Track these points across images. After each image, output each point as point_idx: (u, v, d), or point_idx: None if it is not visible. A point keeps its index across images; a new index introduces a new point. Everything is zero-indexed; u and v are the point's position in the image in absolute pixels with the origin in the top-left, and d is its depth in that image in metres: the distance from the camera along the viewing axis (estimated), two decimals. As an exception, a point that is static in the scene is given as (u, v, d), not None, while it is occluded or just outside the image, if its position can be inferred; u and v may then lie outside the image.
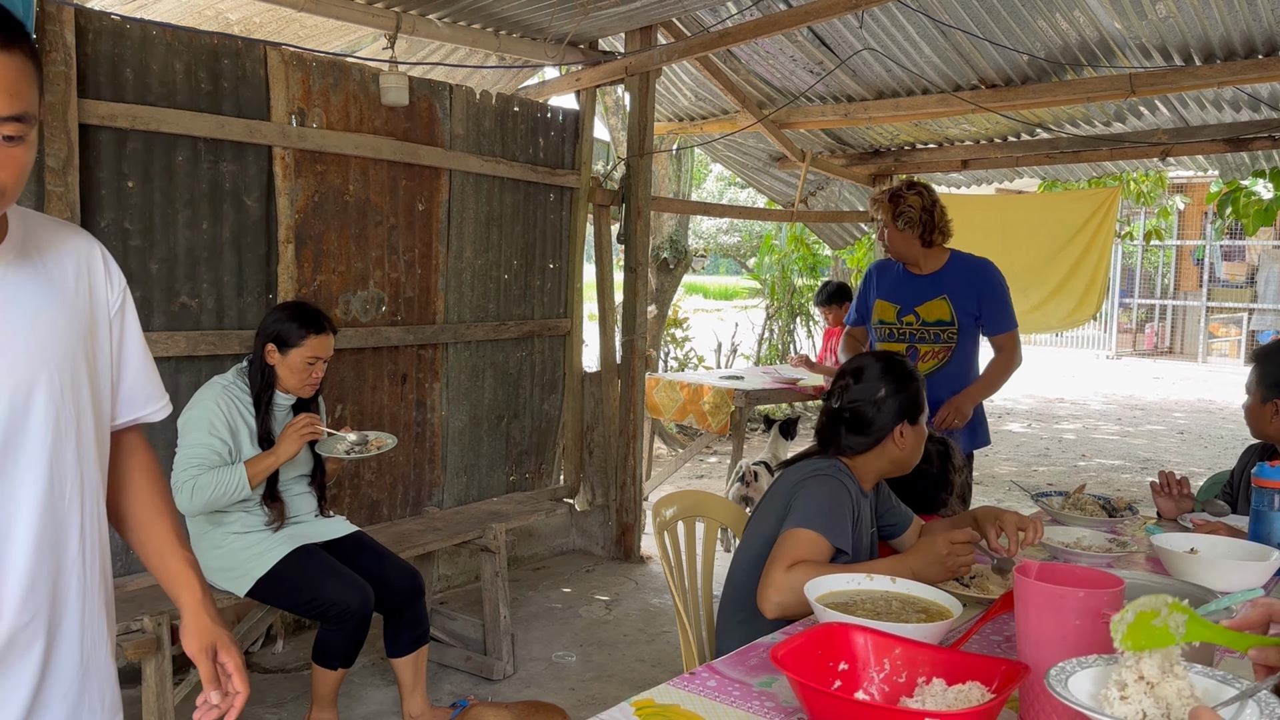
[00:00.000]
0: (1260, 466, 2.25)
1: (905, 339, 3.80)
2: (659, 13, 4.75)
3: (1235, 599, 1.57)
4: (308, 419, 2.90)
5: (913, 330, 3.79)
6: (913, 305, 3.78)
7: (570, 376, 5.16)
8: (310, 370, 2.97)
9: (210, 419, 2.88)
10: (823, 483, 2.09)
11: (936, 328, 3.75)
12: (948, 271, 3.77)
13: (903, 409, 2.18)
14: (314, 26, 4.53)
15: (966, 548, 1.89)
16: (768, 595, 1.90)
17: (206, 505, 2.85)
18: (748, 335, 11.83)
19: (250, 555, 2.93)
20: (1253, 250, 18.04)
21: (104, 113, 3.19)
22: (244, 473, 2.83)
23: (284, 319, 2.97)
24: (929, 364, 3.78)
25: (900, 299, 3.82)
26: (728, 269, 28.62)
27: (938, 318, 3.75)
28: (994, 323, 3.76)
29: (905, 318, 3.81)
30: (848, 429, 2.20)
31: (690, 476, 7.48)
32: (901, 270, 3.86)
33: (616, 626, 4.31)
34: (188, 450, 2.87)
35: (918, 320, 3.78)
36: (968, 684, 1.34)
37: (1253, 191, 6.64)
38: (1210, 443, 9.81)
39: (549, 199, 4.92)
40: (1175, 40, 4.72)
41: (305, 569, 2.92)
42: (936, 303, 3.75)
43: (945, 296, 3.73)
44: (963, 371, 3.77)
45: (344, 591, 2.90)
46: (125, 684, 3.52)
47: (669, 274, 8.95)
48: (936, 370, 3.75)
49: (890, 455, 2.20)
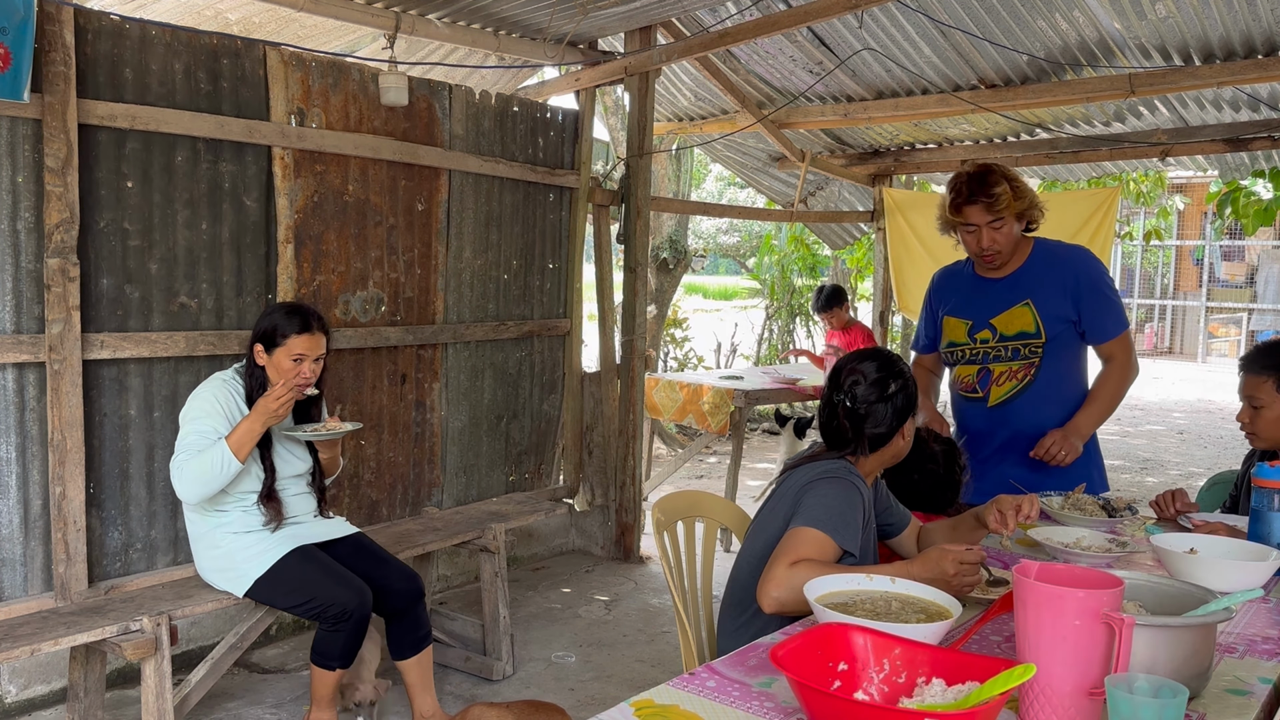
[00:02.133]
0: (1260, 466, 2.25)
1: (976, 359, 3.03)
2: (659, 13, 4.75)
3: (1235, 599, 1.57)
4: (280, 389, 2.82)
5: (986, 349, 3.00)
6: (987, 318, 3.00)
7: (570, 376, 5.16)
8: (297, 369, 2.92)
9: (207, 409, 2.88)
10: (834, 484, 2.08)
11: (1016, 342, 2.96)
12: (1030, 269, 2.98)
13: (908, 405, 2.21)
14: (313, 26, 4.53)
15: (973, 568, 1.86)
16: (767, 590, 1.89)
17: (202, 488, 2.80)
18: (747, 335, 11.84)
19: (248, 556, 2.92)
20: (1252, 250, 18.05)
21: (103, 113, 3.19)
22: (225, 446, 2.78)
23: (269, 318, 2.96)
24: (1005, 388, 2.98)
25: (971, 312, 3.03)
26: (727, 269, 28.63)
27: (1019, 329, 2.95)
28: (1098, 327, 2.94)
29: (979, 334, 3.01)
30: (861, 427, 2.19)
31: (690, 477, 7.48)
32: (970, 274, 3.09)
33: (616, 627, 4.31)
34: (182, 440, 2.87)
35: (994, 335, 2.99)
36: (967, 684, 1.34)
37: (1252, 191, 6.63)
38: (1210, 443, 9.82)
39: (548, 199, 4.92)
40: (1175, 40, 4.72)
41: (303, 570, 2.92)
42: (1017, 311, 2.96)
43: (1028, 302, 2.94)
44: (1057, 394, 2.97)
45: (341, 592, 2.89)
46: (125, 684, 3.53)
47: (668, 274, 8.94)
48: (1016, 395, 2.97)
49: (894, 450, 2.24)
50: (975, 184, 2.85)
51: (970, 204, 2.86)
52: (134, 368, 3.36)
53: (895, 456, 2.26)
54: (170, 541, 3.48)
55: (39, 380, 3.12)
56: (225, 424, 2.88)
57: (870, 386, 2.19)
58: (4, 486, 3.09)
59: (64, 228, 3.08)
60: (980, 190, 2.83)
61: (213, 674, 3.11)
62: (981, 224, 2.86)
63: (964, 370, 3.07)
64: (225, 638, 3.16)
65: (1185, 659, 1.48)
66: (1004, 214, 2.84)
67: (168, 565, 3.47)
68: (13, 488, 3.10)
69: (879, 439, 2.19)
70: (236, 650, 3.15)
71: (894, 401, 2.18)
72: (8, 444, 3.08)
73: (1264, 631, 1.83)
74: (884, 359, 2.24)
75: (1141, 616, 1.47)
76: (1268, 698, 1.55)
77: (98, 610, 2.91)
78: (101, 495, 3.30)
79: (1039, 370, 2.94)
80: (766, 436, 9.29)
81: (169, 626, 2.83)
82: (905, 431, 2.23)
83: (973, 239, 2.91)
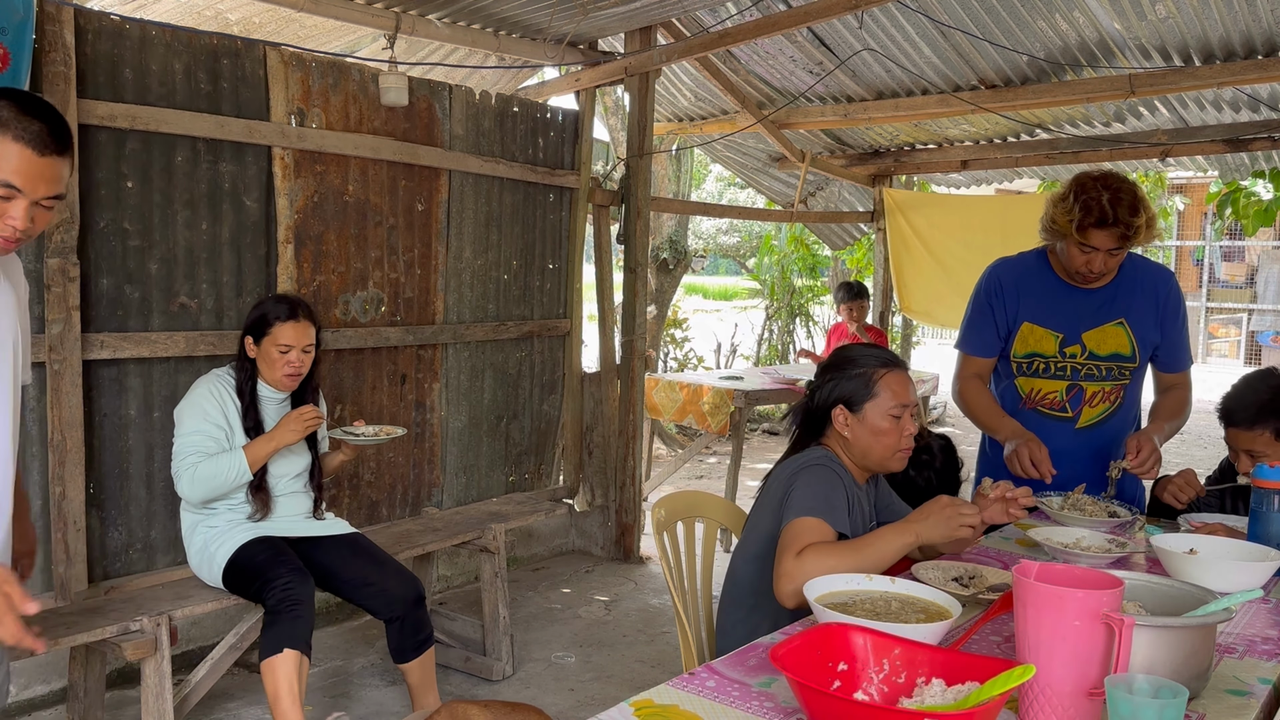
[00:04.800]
0: (1260, 467, 2.25)
1: (1064, 375, 2.78)
2: (659, 13, 4.75)
3: (1235, 599, 1.57)
4: (313, 411, 2.90)
5: (1076, 365, 2.76)
6: (1079, 332, 2.74)
7: (570, 377, 5.16)
8: (284, 359, 2.93)
9: (204, 406, 2.90)
10: (815, 472, 2.11)
11: (1110, 362, 2.74)
12: (1123, 285, 2.72)
13: (840, 393, 2.19)
14: (313, 26, 4.53)
15: (969, 504, 1.96)
16: (782, 585, 1.90)
17: (209, 491, 2.86)
18: (747, 336, 11.83)
19: (216, 546, 2.94)
20: (1252, 251, 18.03)
21: (103, 113, 3.19)
22: (243, 458, 2.85)
23: (257, 309, 2.99)
24: (1098, 409, 2.77)
25: (1061, 323, 2.74)
26: (727, 269, 28.61)
27: (1113, 350, 2.73)
28: (1174, 356, 2.79)
29: (1069, 349, 2.75)
30: (808, 413, 2.27)
31: (690, 477, 7.48)
32: (1053, 278, 2.77)
33: (616, 627, 4.31)
34: (185, 439, 2.89)
35: (1083, 352, 2.75)
36: (967, 684, 1.34)
37: (1252, 192, 6.64)
38: (1210, 443, 9.81)
39: (549, 199, 4.92)
40: (1175, 41, 4.72)
41: (256, 555, 2.89)
42: (1110, 330, 2.73)
43: (1122, 321, 2.72)
44: (1135, 419, 2.85)
45: (289, 574, 2.81)
46: (125, 684, 3.53)
47: (668, 274, 8.94)
48: (1107, 418, 2.78)
49: (850, 441, 2.19)
50: (1118, 209, 2.52)
51: (1102, 228, 2.54)
52: (134, 368, 3.36)
53: (859, 453, 2.18)
54: (170, 541, 3.47)
55: (39, 380, 3.12)
56: (222, 421, 2.91)
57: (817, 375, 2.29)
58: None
59: (64, 228, 3.08)
60: (1119, 217, 2.53)
61: (213, 674, 3.11)
62: (1104, 249, 2.57)
63: (1048, 385, 2.78)
64: (225, 638, 3.16)
65: (1185, 659, 1.47)
66: (1133, 244, 2.58)
67: (168, 565, 3.47)
68: (13, 488, 3.10)
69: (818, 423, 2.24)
70: (236, 650, 3.15)
71: (823, 387, 2.23)
72: (8, 444, 3.08)
73: (1263, 632, 1.83)
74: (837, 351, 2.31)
75: (1141, 617, 1.46)
76: (1267, 698, 1.55)
77: (98, 610, 2.91)
78: (101, 495, 3.30)
79: (1126, 392, 2.78)
80: (767, 437, 9.29)
81: (169, 626, 2.83)
82: (840, 420, 2.18)
83: (1084, 259, 2.60)
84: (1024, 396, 2.82)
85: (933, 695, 1.34)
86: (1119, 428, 2.79)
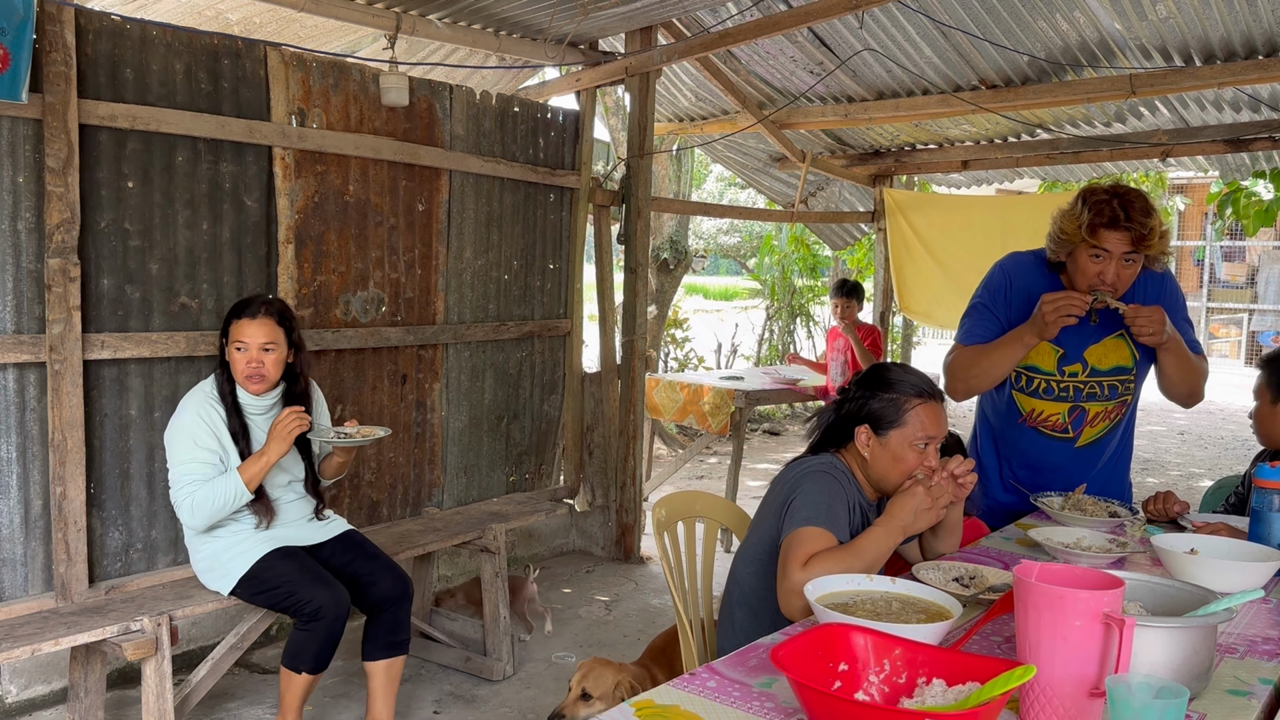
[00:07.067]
0: (1260, 467, 2.25)
1: (1067, 397, 2.69)
2: (659, 13, 4.75)
3: (1235, 599, 1.57)
4: (293, 415, 2.86)
5: (1078, 384, 2.68)
6: (1080, 349, 2.66)
7: (570, 377, 5.16)
8: (243, 358, 2.90)
9: (194, 431, 2.88)
10: (817, 479, 2.11)
11: (1112, 378, 2.67)
12: (1124, 296, 2.59)
13: (869, 414, 2.15)
14: (314, 27, 4.53)
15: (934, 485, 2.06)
16: (789, 600, 1.90)
17: (210, 516, 2.86)
18: (748, 336, 11.83)
19: (232, 555, 2.93)
20: (1253, 251, 18.03)
21: (104, 113, 3.19)
22: (239, 479, 2.84)
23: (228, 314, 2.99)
24: (1098, 428, 2.72)
25: (1063, 338, 2.62)
26: (728, 269, 28.61)
27: (1114, 364, 2.66)
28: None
29: (1069, 367, 2.67)
30: (831, 422, 2.26)
31: (690, 477, 7.48)
32: (1060, 288, 2.62)
33: (616, 627, 4.31)
34: (180, 467, 2.88)
35: (1084, 369, 2.67)
36: (968, 684, 1.34)
37: (1253, 192, 6.63)
38: (1211, 444, 9.81)
39: (549, 199, 4.92)
40: (1175, 41, 4.72)
41: (281, 568, 2.90)
42: (1111, 343, 2.66)
43: (1122, 333, 2.63)
44: (1129, 436, 2.82)
45: (319, 591, 2.86)
46: (125, 684, 3.53)
47: (669, 274, 8.95)
48: (1103, 436, 2.74)
49: (869, 462, 2.16)
50: (1127, 207, 2.46)
51: (1114, 228, 2.46)
52: (134, 368, 3.36)
53: (875, 473, 2.16)
54: (170, 541, 3.47)
55: (39, 380, 3.12)
56: (214, 444, 2.89)
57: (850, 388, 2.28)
58: (5, 486, 3.09)
59: (65, 228, 3.08)
60: (1131, 216, 2.45)
61: (213, 674, 3.11)
62: (1116, 253, 2.48)
63: (1050, 408, 2.70)
64: (225, 638, 3.16)
65: (1186, 660, 1.47)
66: (1145, 249, 2.49)
67: (168, 565, 3.47)
68: (13, 488, 3.10)
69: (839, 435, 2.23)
70: (237, 650, 3.15)
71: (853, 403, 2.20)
72: (9, 444, 3.08)
73: (1264, 632, 1.83)
74: (872, 370, 2.28)
75: (1142, 617, 1.46)
76: (1268, 699, 1.55)
77: (98, 610, 2.91)
78: (102, 495, 3.30)
79: (1128, 409, 2.73)
80: (767, 437, 9.29)
81: (169, 626, 2.83)
82: (863, 440, 2.15)
83: (1096, 267, 2.50)
84: (1024, 414, 2.76)
85: (933, 695, 1.34)
86: (1120, 445, 2.79)
